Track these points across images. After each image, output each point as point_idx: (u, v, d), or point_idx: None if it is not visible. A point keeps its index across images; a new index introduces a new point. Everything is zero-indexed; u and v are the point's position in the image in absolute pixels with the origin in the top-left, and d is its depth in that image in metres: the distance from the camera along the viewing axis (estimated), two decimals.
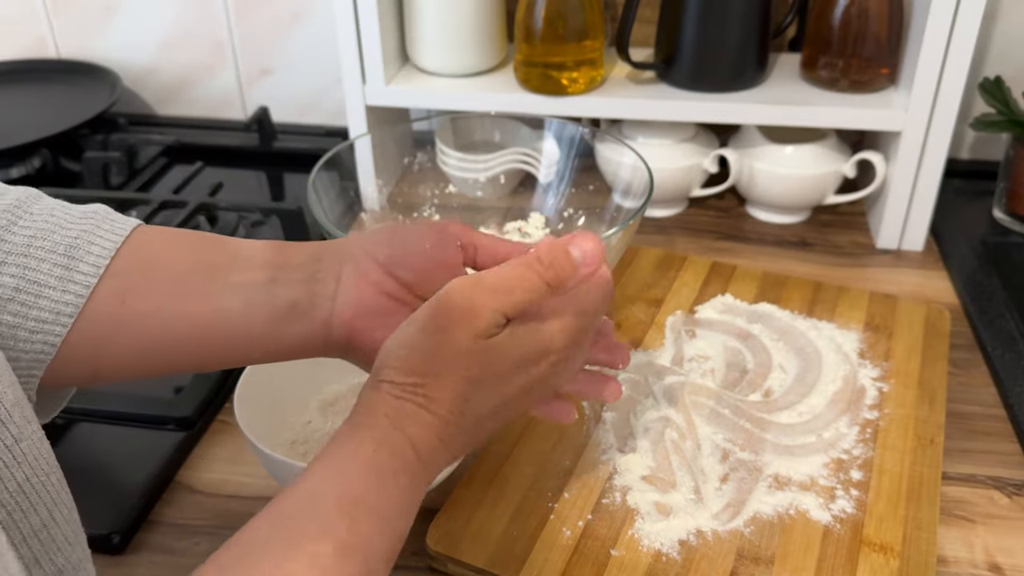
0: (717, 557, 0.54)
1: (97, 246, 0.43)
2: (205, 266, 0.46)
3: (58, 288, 0.42)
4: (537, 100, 0.86)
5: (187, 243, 0.47)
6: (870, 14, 0.82)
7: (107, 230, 0.44)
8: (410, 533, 0.58)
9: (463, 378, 0.41)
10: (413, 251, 0.49)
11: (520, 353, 0.43)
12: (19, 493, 0.37)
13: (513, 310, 0.42)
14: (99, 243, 0.43)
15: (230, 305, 0.45)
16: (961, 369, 0.72)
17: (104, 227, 0.44)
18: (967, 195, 0.94)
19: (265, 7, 1.06)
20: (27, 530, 0.38)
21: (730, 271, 0.81)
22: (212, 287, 0.45)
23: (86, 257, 0.43)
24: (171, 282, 0.45)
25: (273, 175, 1.06)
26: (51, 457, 0.40)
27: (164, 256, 0.45)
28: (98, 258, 0.43)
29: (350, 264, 0.48)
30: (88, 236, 0.43)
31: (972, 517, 0.59)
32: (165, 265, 0.45)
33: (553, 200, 0.84)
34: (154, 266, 0.45)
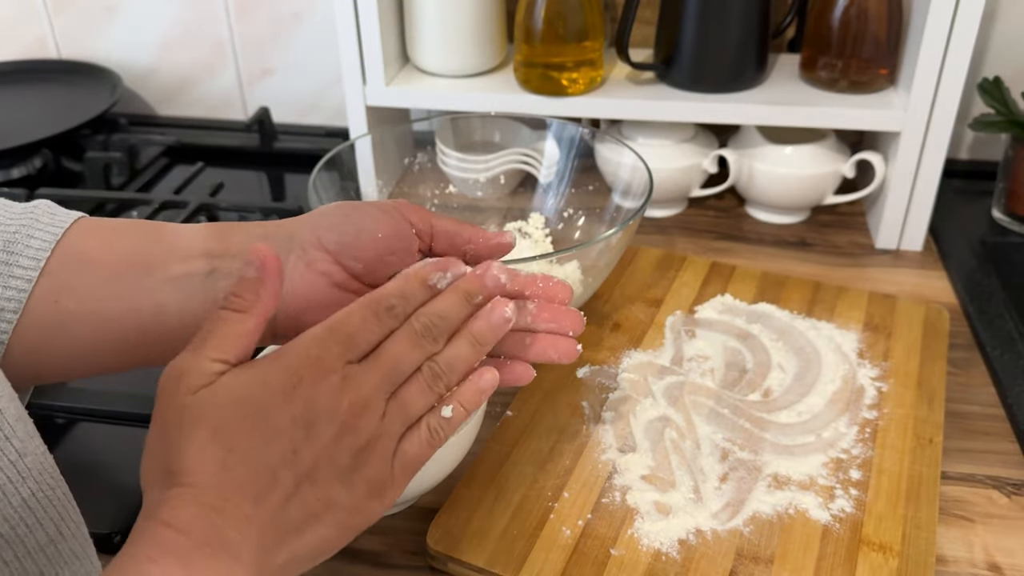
0: (716, 556, 0.54)
1: (36, 240, 0.42)
2: (142, 260, 0.43)
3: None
4: (537, 101, 0.87)
5: (125, 236, 0.44)
6: (869, 15, 0.82)
7: (46, 224, 0.43)
8: (410, 533, 0.58)
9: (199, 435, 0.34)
10: (366, 239, 0.45)
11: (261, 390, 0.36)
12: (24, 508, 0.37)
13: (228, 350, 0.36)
14: (38, 237, 0.42)
15: (167, 300, 0.43)
16: (960, 369, 0.72)
17: (43, 221, 0.43)
18: (966, 195, 0.94)
19: (266, 7, 1.06)
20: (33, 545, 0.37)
21: (729, 271, 0.81)
22: (148, 282, 0.43)
23: (25, 252, 0.41)
24: (106, 279, 0.43)
25: (274, 175, 1.07)
26: (56, 471, 0.39)
27: (100, 251, 0.43)
28: (37, 252, 0.42)
29: (297, 252, 0.45)
30: (27, 231, 0.42)
31: (971, 517, 0.59)
32: (100, 261, 0.43)
33: (553, 200, 0.84)
34: (89, 263, 0.43)
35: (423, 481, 0.56)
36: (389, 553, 0.57)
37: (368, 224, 0.46)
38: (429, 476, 0.56)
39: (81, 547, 0.40)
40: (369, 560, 0.57)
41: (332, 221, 0.46)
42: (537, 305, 0.47)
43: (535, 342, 0.47)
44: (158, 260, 0.44)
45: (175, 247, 0.44)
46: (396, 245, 0.46)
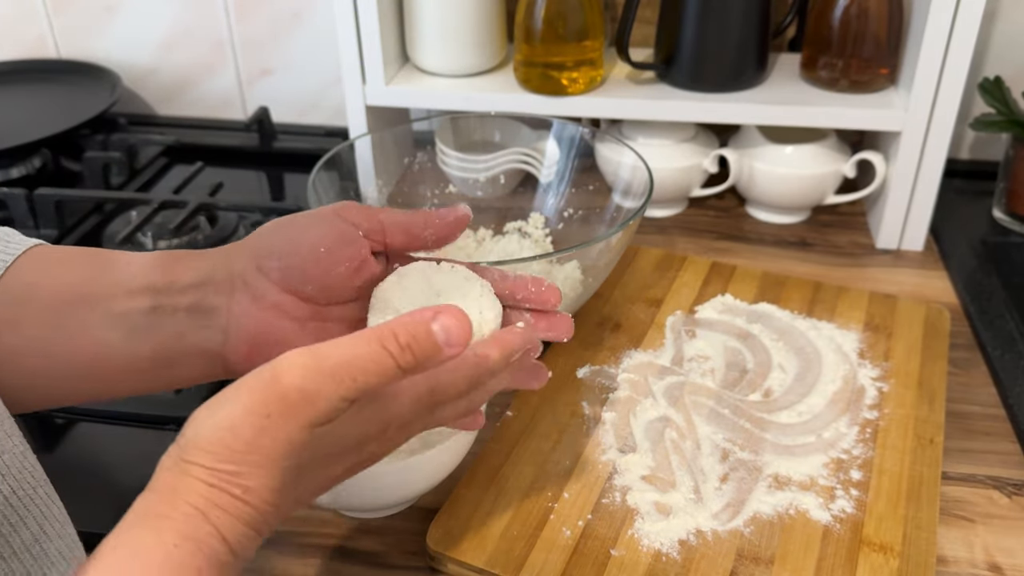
0: (717, 557, 0.54)
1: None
2: (85, 294, 0.42)
3: None
4: (537, 100, 0.87)
5: (72, 267, 0.43)
6: (870, 14, 0.82)
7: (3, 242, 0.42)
8: (410, 533, 0.58)
9: (289, 467, 0.34)
10: (308, 256, 0.43)
11: (359, 432, 0.37)
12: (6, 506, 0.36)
13: (358, 394, 0.34)
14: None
15: (110, 338, 0.42)
16: (961, 369, 0.72)
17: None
18: (967, 195, 0.94)
19: (265, 7, 1.06)
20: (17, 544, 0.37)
21: (730, 271, 0.81)
22: (91, 318, 0.42)
23: None
24: (47, 313, 0.41)
25: (273, 175, 1.07)
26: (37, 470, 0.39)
27: (44, 283, 0.42)
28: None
29: (241, 289, 0.43)
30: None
31: (972, 517, 0.59)
32: (44, 294, 0.41)
33: (553, 200, 0.84)
34: (33, 296, 0.41)
35: (423, 481, 0.56)
36: (389, 553, 0.57)
37: (307, 238, 0.43)
38: (429, 476, 0.56)
39: (68, 548, 0.39)
40: (369, 560, 0.57)
41: (270, 244, 0.44)
42: (533, 315, 0.48)
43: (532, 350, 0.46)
44: (102, 294, 0.42)
45: (119, 281, 0.42)
46: (343, 253, 0.44)
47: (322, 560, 0.57)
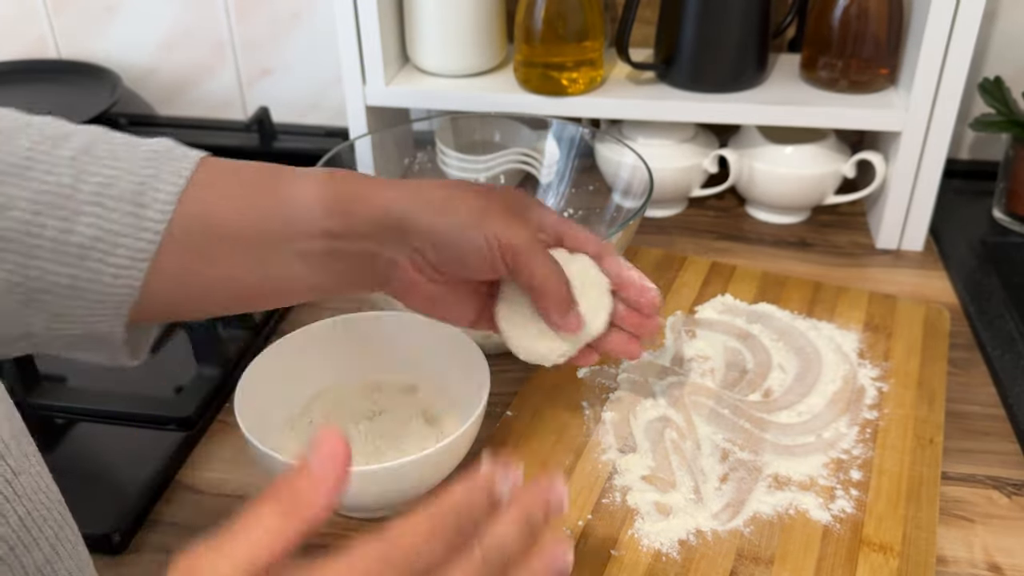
0: (717, 557, 0.54)
1: (162, 192, 0.43)
2: (269, 232, 0.46)
3: (131, 236, 0.43)
4: (537, 100, 0.87)
5: (245, 198, 0.46)
6: (870, 14, 0.82)
7: (170, 173, 0.44)
8: None
9: None
10: (459, 271, 0.50)
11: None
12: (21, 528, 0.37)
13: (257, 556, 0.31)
14: (163, 188, 0.44)
15: (297, 272, 0.47)
16: (960, 369, 0.72)
17: (167, 169, 0.44)
18: (967, 195, 0.94)
19: (265, 7, 1.06)
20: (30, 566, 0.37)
21: (730, 271, 0.81)
22: (275, 255, 0.46)
23: (153, 204, 0.43)
24: (234, 252, 0.46)
25: None
26: (52, 490, 0.40)
27: (224, 217, 0.45)
28: (164, 204, 0.43)
29: (405, 256, 0.49)
30: (153, 182, 0.43)
31: (971, 517, 0.59)
32: (226, 231, 0.45)
33: (553, 200, 0.84)
34: (215, 231, 0.45)
35: (423, 481, 0.56)
36: None
37: (470, 261, 0.49)
38: (429, 476, 0.56)
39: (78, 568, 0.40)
40: None
41: (426, 240, 0.48)
42: (626, 310, 0.54)
43: (609, 336, 0.54)
44: (284, 234, 0.46)
45: (297, 220, 0.46)
46: (488, 272, 0.50)
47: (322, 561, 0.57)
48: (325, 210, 0.46)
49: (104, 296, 0.43)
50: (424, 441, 0.61)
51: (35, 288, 0.42)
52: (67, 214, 0.42)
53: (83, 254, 0.42)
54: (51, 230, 0.41)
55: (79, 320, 0.43)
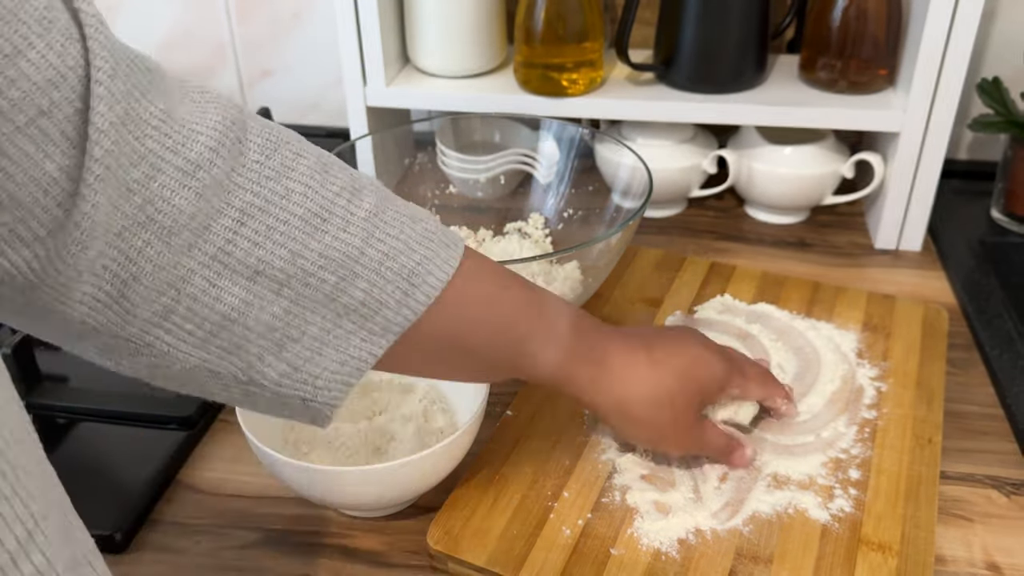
0: (716, 556, 0.54)
1: (433, 277, 0.45)
2: (496, 363, 0.50)
3: (394, 310, 0.44)
4: (537, 101, 0.87)
5: (490, 341, 0.49)
6: (868, 15, 0.83)
7: (443, 259, 0.46)
8: (410, 532, 0.58)
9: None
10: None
11: None
12: None
13: None
14: (435, 273, 0.45)
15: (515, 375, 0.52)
16: (959, 369, 0.72)
17: (441, 255, 0.46)
18: (965, 195, 0.94)
19: (266, 8, 1.06)
20: None
21: (729, 271, 0.81)
22: (493, 373, 0.52)
23: (422, 286, 0.45)
24: (456, 365, 0.50)
25: None
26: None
27: (465, 344, 0.48)
28: (431, 288, 0.45)
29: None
30: (427, 264, 0.45)
31: (970, 516, 0.59)
32: (461, 353, 0.49)
33: (553, 201, 0.84)
34: (453, 348, 0.48)
35: (423, 481, 0.56)
36: (389, 553, 0.57)
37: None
38: (429, 476, 0.56)
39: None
40: (369, 560, 0.57)
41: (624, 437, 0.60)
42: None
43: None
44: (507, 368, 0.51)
45: (521, 369, 0.51)
46: None
47: (322, 560, 0.57)
48: (548, 379, 0.52)
49: (344, 358, 0.44)
50: (424, 441, 0.61)
51: (287, 336, 0.42)
52: (347, 274, 0.43)
53: (344, 313, 0.43)
54: (328, 286, 0.42)
55: (308, 380, 0.44)
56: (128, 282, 0.38)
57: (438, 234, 0.47)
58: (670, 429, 0.55)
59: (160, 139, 0.37)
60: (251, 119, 0.42)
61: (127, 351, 0.41)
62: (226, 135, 0.40)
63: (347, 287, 0.43)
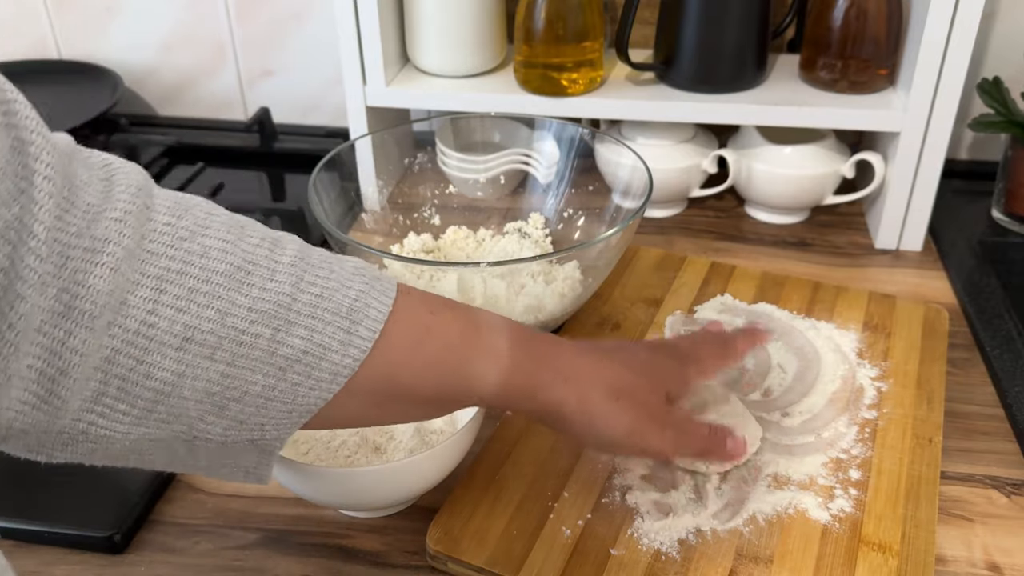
0: (716, 556, 0.54)
1: (373, 309, 0.44)
2: (442, 402, 0.48)
3: (339, 352, 0.42)
4: (537, 101, 0.87)
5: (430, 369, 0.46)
6: (869, 15, 0.82)
7: (379, 292, 0.44)
8: (410, 532, 0.58)
9: None
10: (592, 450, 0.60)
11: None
12: None
13: None
14: (374, 306, 0.44)
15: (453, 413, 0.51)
16: (959, 369, 0.72)
17: (376, 288, 0.45)
18: (966, 195, 0.94)
19: (266, 8, 1.06)
20: None
21: (729, 271, 0.81)
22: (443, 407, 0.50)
23: (364, 321, 0.43)
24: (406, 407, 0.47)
25: (274, 176, 1.07)
26: None
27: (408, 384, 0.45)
28: (374, 322, 0.43)
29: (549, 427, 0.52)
30: (364, 299, 0.44)
31: (970, 516, 0.59)
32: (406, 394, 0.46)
33: (553, 201, 0.84)
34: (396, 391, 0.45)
35: (423, 481, 0.56)
36: (389, 553, 0.57)
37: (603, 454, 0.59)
38: (429, 476, 0.56)
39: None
40: (369, 560, 0.57)
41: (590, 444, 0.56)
42: None
43: None
44: (454, 398, 0.48)
45: (472, 398, 0.48)
46: None
47: (322, 560, 0.57)
48: (496, 397, 0.48)
49: (292, 407, 0.42)
50: (424, 441, 0.61)
51: (228, 397, 0.41)
52: (281, 324, 0.41)
53: (287, 366, 0.41)
54: (264, 340, 0.40)
55: (255, 428, 0.42)
56: (56, 378, 0.36)
57: (367, 269, 0.46)
58: (644, 419, 0.51)
59: (64, 228, 0.35)
60: (157, 187, 0.41)
61: (59, 444, 0.39)
62: (132, 203, 0.38)
63: (284, 338, 0.41)
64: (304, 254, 0.43)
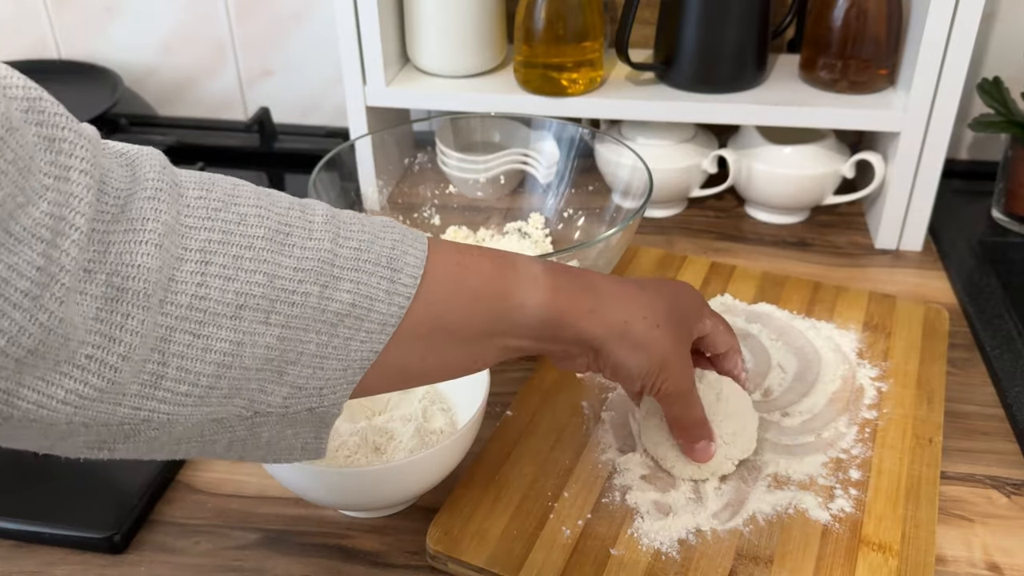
0: (716, 556, 0.54)
1: (411, 256, 0.44)
2: (487, 334, 0.47)
3: (385, 301, 0.43)
4: (537, 101, 0.87)
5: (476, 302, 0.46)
6: (869, 15, 0.82)
7: (412, 240, 0.45)
8: (410, 532, 0.58)
9: None
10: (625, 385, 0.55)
11: None
12: None
13: None
14: (412, 253, 0.44)
15: (490, 358, 0.49)
16: (959, 369, 0.72)
17: (408, 237, 0.45)
18: (966, 195, 0.94)
19: (266, 8, 1.06)
20: None
21: (729, 271, 0.81)
22: (486, 348, 0.48)
23: (404, 268, 0.43)
24: (454, 345, 0.47)
25: (274, 176, 1.07)
26: None
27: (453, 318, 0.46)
28: (414, 268, 0.44)
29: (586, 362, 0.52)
30: (401, 247, 0.44)
31: (970, 516, 0.59)
32: (453, 330, 0.46)
33: (553, 200, 0.84)
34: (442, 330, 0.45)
35: (423, 481, 0.56)
36: (389, 553, 0.57)
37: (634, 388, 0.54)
38: (429, 476, 0.56)
39: None
40: (369, 560, 0.57)
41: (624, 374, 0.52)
42: None
43: None
44: (502, 333, 0.48)
45: (515, 327, 0.48)
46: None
47: (322, 560, 0.57)
48: (542, 324, 0.48)
49: (347, 364, 0.42)
50: (424, 441, 0.61)
51: (286, 360, 0.41)
52: (328, 280, 0.41)
53: (338, 321, 0.41)
54: (314, 298, 0.40)
55: (314, 392, 0.42)
56: (116, 365, 0.36)
57: (394, 222, 0.46)
58: (671, 353, 0.52)
59: (99, 216, 0.36)
60: (177, 168, 0.42)
61: (121, 435, 0.38)
62: (160, 180, 0.38)
63: (332, 293, 0.41)
64: (333, 213, 0.44)
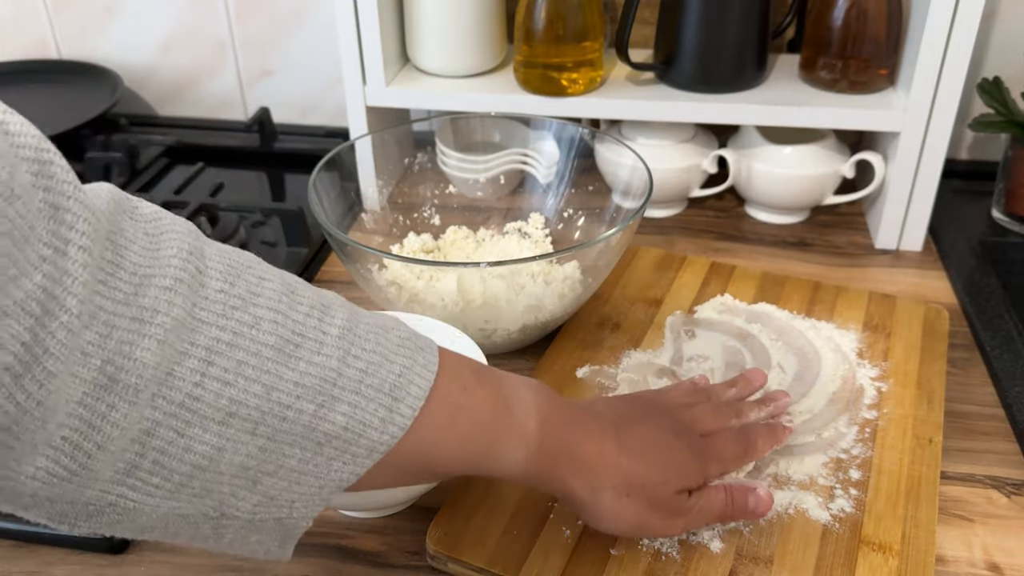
0: (716, 556, 0.54)
1: (415, 386, 0.43)
2: (466, 468, 0.47)
3: (379, 429, 0.41)
4: (537, 101, 0.87)
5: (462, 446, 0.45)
6: (869, 15, 0.82)
7: (422, 366, 0.43)
8: (410, 532, 0.58)
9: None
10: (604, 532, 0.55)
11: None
12: None
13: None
14: (416, 383, 0.43)
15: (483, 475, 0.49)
16: (960, 369, 0.72)
17: (419, 361, 0.44)
18: (966, 195, 0.94)
19: (266, 8, 1.06)
20: None
21: (729, 271, 0.81)
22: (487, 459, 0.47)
23: (405, 399, 0.42)
24: (432, 475, 0.48)
25: (274, 176, 1.07)
26: None
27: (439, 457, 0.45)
28: (415, 399, 0.42)
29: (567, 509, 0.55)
30: (408, 375, 0.43)
31: (971, 516, 0.59)
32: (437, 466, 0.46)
33: (553, 201, 0.84)
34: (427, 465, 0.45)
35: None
36: (389, 553, 0.57)
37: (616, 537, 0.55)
38: None
39: None
40: (369, 560, 0.57)
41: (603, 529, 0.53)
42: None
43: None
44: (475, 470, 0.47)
45: (491, 469, 0.47)
46: None
47: (322, 560, 0.57)
48: (523, 476, 0.48)
49: (324, 482, 0.41)
50: None
51: (262, 471, 0.39)
52: (325, 400, 0.40)
53: (325, 441, 0.40)
54: (306, 416, 0.39)
55: (284, 504, 0.41)
56: (91, 452, 0.35)
57: (412, 339, 0.44)
58: (645, 517, 0.51)
59: (109, 294, 0.34)
60: (208, 245, 0.39)
61: (84, 514, 0.37)
62: (183, 269, 0.36)
63: (327, 414, 0.40)
64: (352, 323, 0.42)
